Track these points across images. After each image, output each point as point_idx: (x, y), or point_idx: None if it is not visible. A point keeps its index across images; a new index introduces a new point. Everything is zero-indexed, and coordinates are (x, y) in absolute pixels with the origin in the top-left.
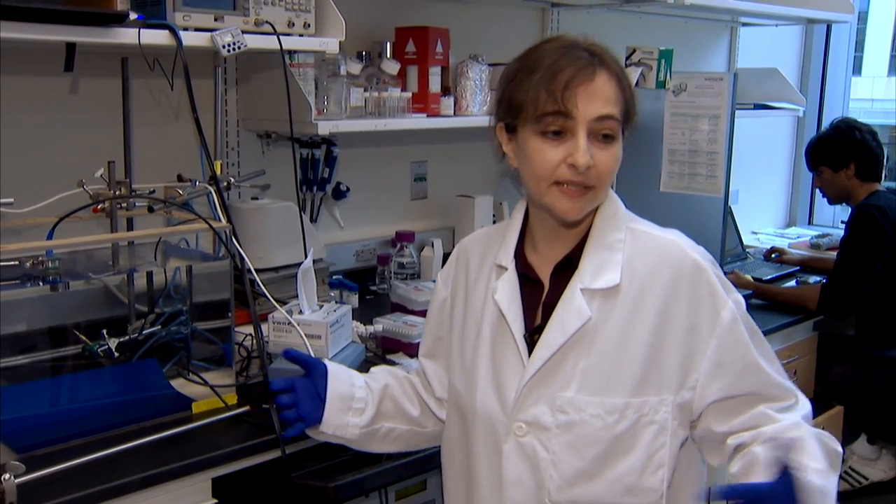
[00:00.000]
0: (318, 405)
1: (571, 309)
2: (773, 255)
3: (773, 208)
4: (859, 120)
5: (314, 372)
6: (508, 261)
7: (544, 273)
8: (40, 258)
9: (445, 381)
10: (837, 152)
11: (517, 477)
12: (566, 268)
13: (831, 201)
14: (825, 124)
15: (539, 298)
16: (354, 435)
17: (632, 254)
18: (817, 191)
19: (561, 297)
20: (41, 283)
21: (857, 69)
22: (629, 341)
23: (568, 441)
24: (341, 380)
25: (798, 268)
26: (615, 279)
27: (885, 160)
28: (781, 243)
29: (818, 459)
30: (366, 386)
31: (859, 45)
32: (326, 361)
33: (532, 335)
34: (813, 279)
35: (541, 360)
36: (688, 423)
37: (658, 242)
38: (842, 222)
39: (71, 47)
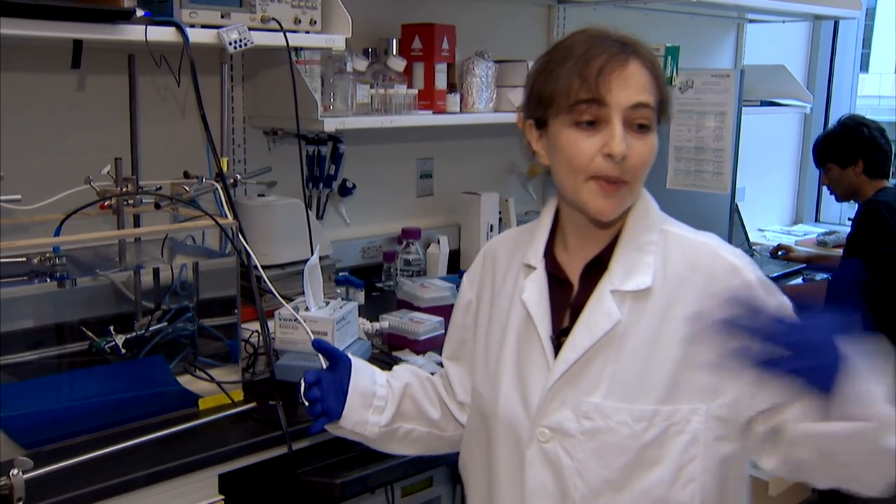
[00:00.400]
0: (340, 400)
1: (600, 311)
2: (779, 253)
3: (780, 205)
4: (866, 117)
5: (339, 365)
6: (537, 260)
7: (574, 273)
8: (48, 254)
9: (468, 385)
10: (846, 149)
11: (540, 484)
12: (596, 268)
13: (839, 198)
14: (832, 121)
15: (568, 299)
16: (374, 433)
17: (664, 256)
18: (824, 188)
19: (590, 298)
20: (48, 280)
21: (864, 66)
22: (659, 346)
23: (593, 448)
24: (364, 375)
25: (805, 265)
26: (647, 282)
27: (892, 157)
28: (788, 241)
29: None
30: (387, 384)
31: (866, 42)
32: (350, 355)
33: (559, 337)
34: (820, 276)
35: (566, 362)
36: (731, 438)
37: (691, 245)
38: (849, 219)
39: (78, 44)
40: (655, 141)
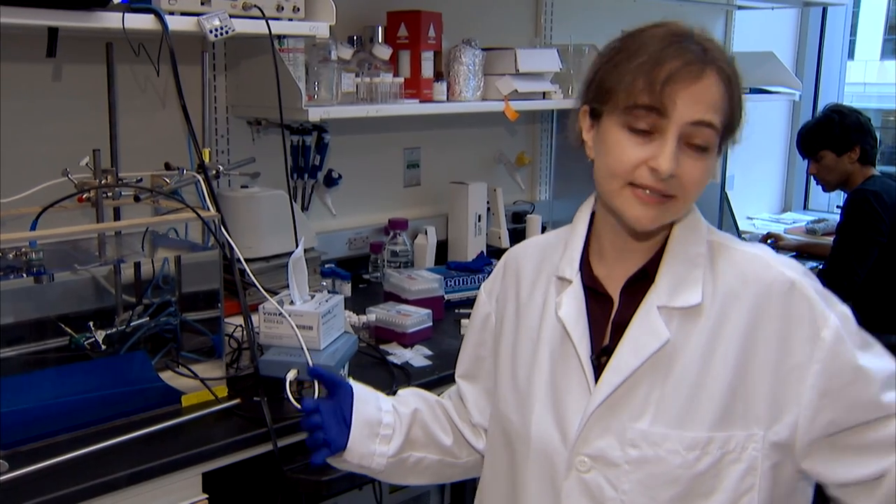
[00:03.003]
0: (343, 430)
1: (647, 329)
2: (769, 241)
3: (769, 193)
4: (851, 105)
5: (339, 392)
6: (573, 272)
7: (613, 287)
8: (24, 249)
9: (485, 407)
10: (843, 136)
11: None
12: (639, 282)
13: (828, 188)
14: (821, 108)
15: (606, 315)
16: (381, 465)
17: (713, 269)
18: (812, 178)
19: (634, 315)
20: (25, 275)
21: (850, 53)
22: (711, 367)
23: (640, 479)
24: (368, 402)
25: (794, 253)
26: (696, 298)
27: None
28: (777, 229)
29: None
30: (393, 411)
31: (853, 29)
32: (352, 382)
33: (599, 357)
34: (809, 265)
35: (610, 386)
36: (790, 466)
37: (742, 257)
38: (837, 207)
39: (53, 32)
40: (713, 163)
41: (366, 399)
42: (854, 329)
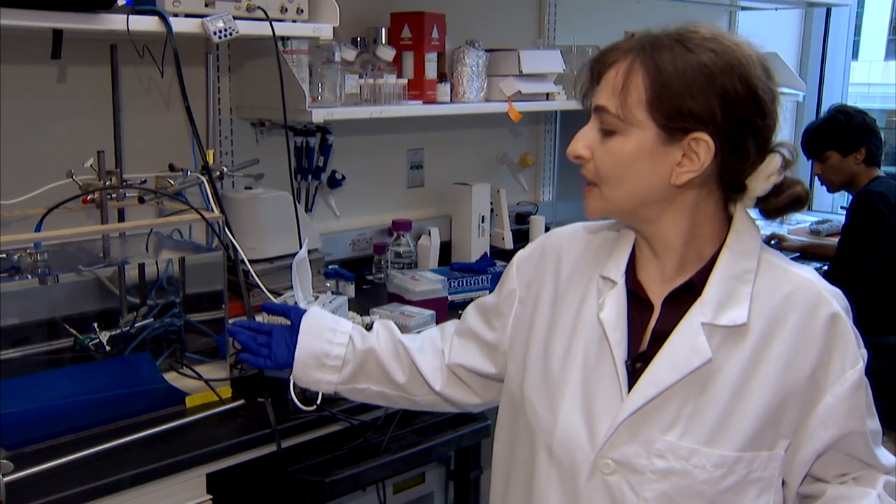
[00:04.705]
0: (291, 354)
1: (689, 345)
2: (772, 242)
3: None
4: (856, 105)
5: (293, 322)
6: (619, 275)
7: (654, 293)
8: (29, 250)
9: (462, 357)
10: (849, 136)
11: None
12: (684, 293)
13: (833, 188)
14: (825, 109)
15: (645, 321)
16: (330, 390)
17: (761, 288)
18: (817, 177)
19: (677, 327)
20: (30, 276)
21: (854, 53)
22: (748, 389)
23: (663, 490)
24: (316, 335)
25: (798, 254)
26: (742, 317)
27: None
28: (781, 230)
29: None
30: (349, 343)
31: (857, 30)
32: (310, 311)
33: (634, 363)
34: (813, 266)
35: (644, 397)
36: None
37: (793, 280)
38: (841, 208)
39: (58, 34)
40: (621, 146)
41: (316, 332)
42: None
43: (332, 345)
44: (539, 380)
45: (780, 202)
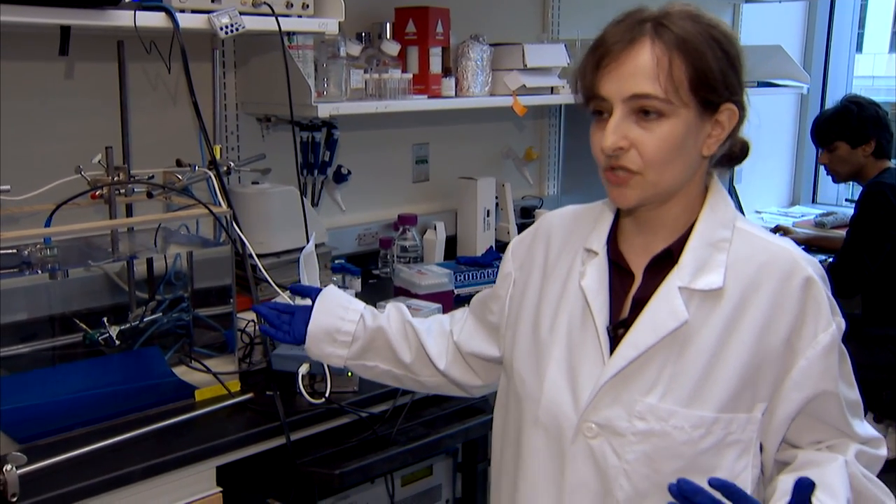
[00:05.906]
0: (306, 329)
1: (666, 308)
2: (777, 234)
3: (777, 187)
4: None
5: (313, 301)
6: (600, 246)
7: (636, 263)
8: (38, 246)
9: (469, 336)
10: (860, 128)
11: (581, 481)
12: (663, 262)
13: (839, 178)
14: (829, 102)
15: (626, 290)
16: (340, 364)
17: (737, 256)
18: (821, 168)
19: (655, 292)
20: (40, 271)
21: (858, 46)
22: (724, 351)
23: (644, 451)
24: (329, 312)
25: (803, 247)
26: (718, 281)
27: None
28: (786, 222)
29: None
30: (360, 321)
31: (861, 22)
32: (325, 290)
33: (616, 329)
34: (819, 258)
35: (624, 359)
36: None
37: (768, 248)
38: (846, 200)
39: (65, 31)
40: (671, 128)
41: (330, 309)
42: (839, 342)
43: (344, 321)
44: (527, 351)
45: (733, 154)
